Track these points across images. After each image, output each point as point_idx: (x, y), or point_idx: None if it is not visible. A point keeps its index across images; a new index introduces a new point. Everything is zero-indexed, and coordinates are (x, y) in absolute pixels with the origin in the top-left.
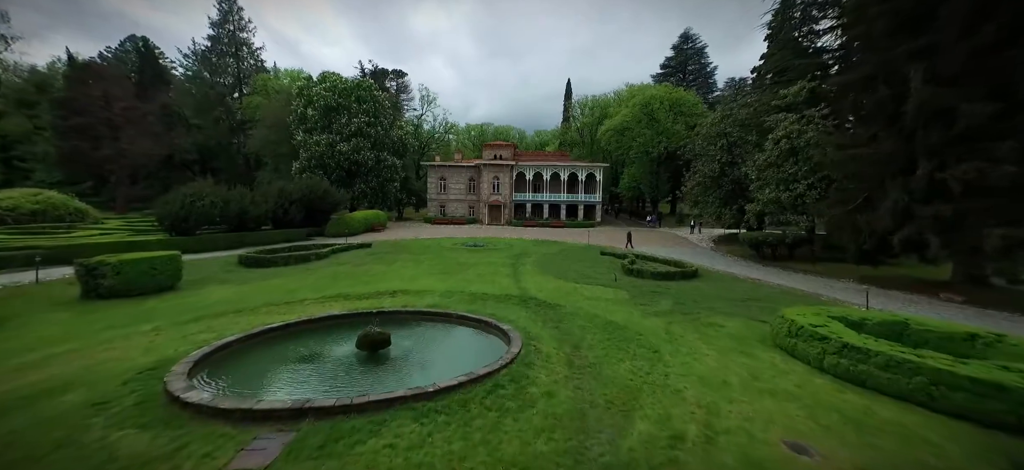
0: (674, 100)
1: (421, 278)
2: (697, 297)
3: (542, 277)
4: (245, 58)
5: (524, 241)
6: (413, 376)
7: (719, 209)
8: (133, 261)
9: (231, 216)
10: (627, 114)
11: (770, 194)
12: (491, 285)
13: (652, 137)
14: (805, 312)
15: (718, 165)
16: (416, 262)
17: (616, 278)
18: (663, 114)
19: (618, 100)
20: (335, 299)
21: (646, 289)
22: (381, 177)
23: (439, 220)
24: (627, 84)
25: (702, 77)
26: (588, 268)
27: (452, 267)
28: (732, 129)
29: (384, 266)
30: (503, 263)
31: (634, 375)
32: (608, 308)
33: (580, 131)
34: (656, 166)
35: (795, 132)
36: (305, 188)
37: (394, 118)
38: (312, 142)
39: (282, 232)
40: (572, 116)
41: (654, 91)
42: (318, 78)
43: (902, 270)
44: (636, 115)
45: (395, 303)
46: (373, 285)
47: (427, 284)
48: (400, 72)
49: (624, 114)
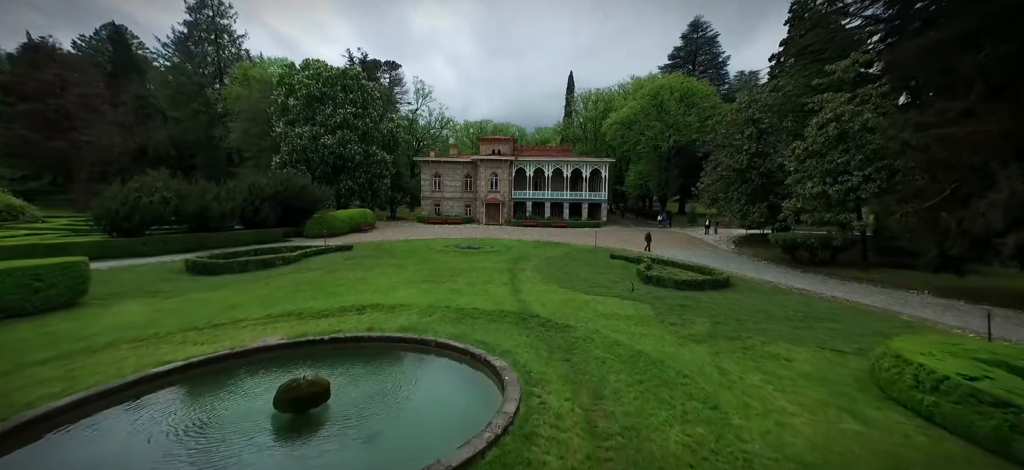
0: (686, 90)
1: (400, 288)
2: (738, 313)
3: (545, 286)
4: (226, 46)
5: (524, 243)
6: (350, 458)
7: (744, 207)
8: (5, 271)
9: (189, 214)
10: (635, 106)
11: (813, 188)
12: (484, 297)
13: (662, 130)
14: (930, 348)
15: (746, 157)
16: (399, 268)
17: (633, 288)
18: (674, 105)
19: (623, 94)
20: (284, 319)
21: (672, 302)
22: (370, 173)
23: (433, 220)
24: (632, 76)
25: (713, 68)
26: (598, 275)
27: (440, 274)
28: (762, 115)
29: (360, 273)
30: (500, 269)
31: (693, 453)
32: (631, 330)
33: (583, 126)
34: (665, 162)
35: (846, 114)
36: (280, 184)
37: (384, 110)
38: (294, 135)
39: (254, 233)
40: (574, 111)
41: (664, 81)
42: (301, 65)
43: (992, 279)
44: (644, 107)
45: (360, 324)
46: (339, 298)
47: (406, 296)
48: (394, 63)
49: (632, 106)
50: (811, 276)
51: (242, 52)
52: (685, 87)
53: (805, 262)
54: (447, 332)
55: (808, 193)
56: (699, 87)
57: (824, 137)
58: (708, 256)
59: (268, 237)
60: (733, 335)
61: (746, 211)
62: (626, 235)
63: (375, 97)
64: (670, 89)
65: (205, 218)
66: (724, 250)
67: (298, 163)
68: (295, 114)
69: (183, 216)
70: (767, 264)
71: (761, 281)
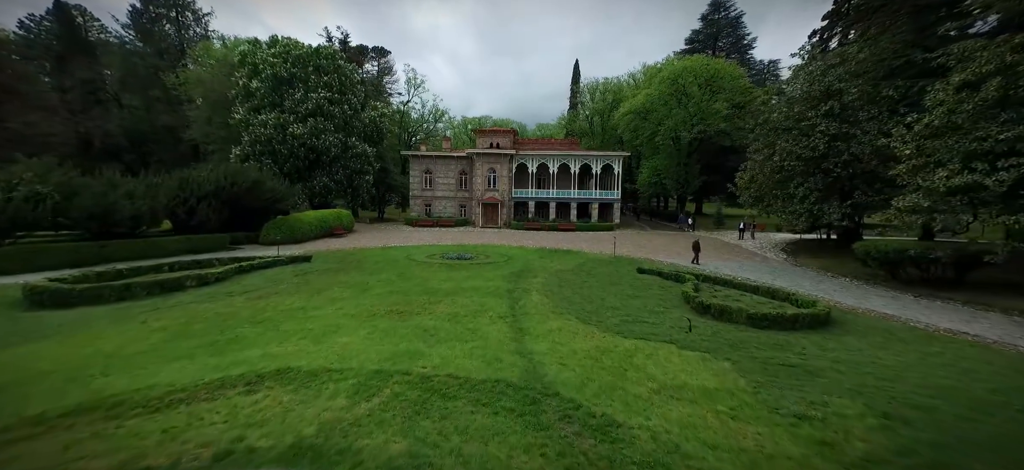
0: (711, 73)
1: (345, 329)
2: (893, 385)
3: (559, 321)
4: (189, 24)
5: (526, 251)
6: None
7: (814, 207)
8: None
9: (80, 216)
10: (652, 92)
11: (951, 179)
12: (470, 346)
13: (684, 119)
14: None
15: (822, 140)
16: (360, 290)
17: (690, 325)
18: (697, 91)
19: (634, 84)
20: (81, 417)
21: (761, 355)
22: (350, 169)
23: (423, 222)
24: (644, 64)
25: (737, 53)
26: (630, 299)
27: (414, 299)
28: (846, 83)
29: (301, 299)
30: (496, 290)
31: None
32: (726, 432)
33: (589, 119)
34: (685, 155)
35: (1019, 63)
36: (223, 178)
37: (367, 97)
38: (257, 122)
39: (183, 239)
40: (580, 102)
41: (685, 64)
42: (268, 41)
43: None
44: (663, 93)
45: (220, 431)
46: (235, 353)
47: (347, 347)
48: (382, 50)
49: (648, 93)
50: (942, 306)
51: (209, 32)
52: (710, 69)
53: (912, 281)
54: (390, 453)
55: (941, 185)
56: (727, 69)
57: (970, 105)
58: (762, 269)
59: (207, 244)
60: (948, 463)
61: (818, 212)
62: (645, 240)
63: (355, 81)
64: (693, 72)
65: (109, 221)
66: (775, 261)
67: (263, 156)
68: (260, 99)
69: (72, 218)
70: (851, 282)
71: (872, 313)
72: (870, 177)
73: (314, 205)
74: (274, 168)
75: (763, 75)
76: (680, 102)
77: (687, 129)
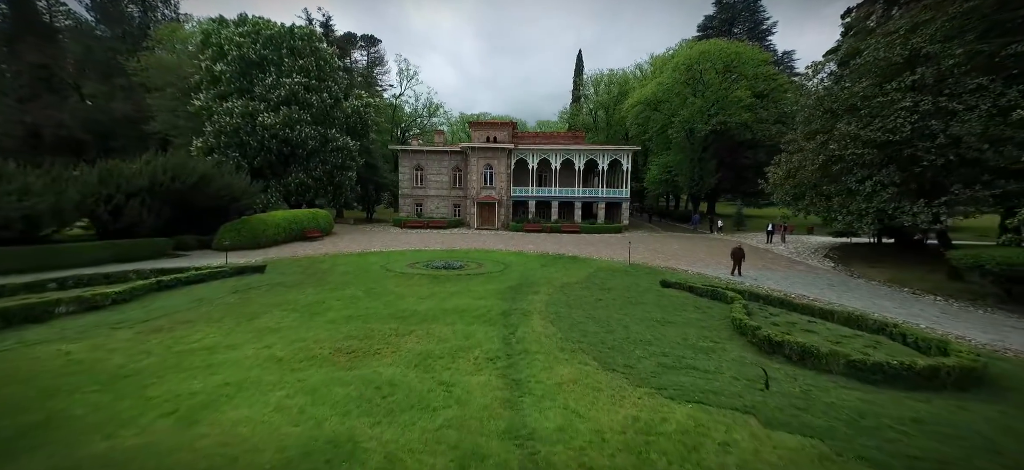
0: (731, 57)
1: (250, 390)
2: None
3: (572, 366)
4: (156, 5)
5: (526, 257)
6: None
7: (889, 203)
8: None
9: None
10: (664, 81)
11: None
12: (437, 422)
13: (701, 109)
14: None
15: (907, 119)
16: (310, 313)
17: (767, 382)
18: (715, 77)
19: (642, 75)
20: None
21: (914, 446)
22: (329, 164)
23: (413, 223)
24: (652, 55)
25: (755, 39)
26: (663, 327)
27: (376, 330)
28: (935, 46)
29: (219, 333)
30: (488, 315)
31: None
32: None
33: (593, 112)
34: (701, 150)
35: None
36: (161, 171)
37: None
38: (222, 111)
39: (108, 245)
40: (583, 95)
41: (703, 48)
42: (236, 20)
43: None
44: (676, 81)
45: None
46: (39, 455)
47: (230, 433)
48: (372, 39)
49: (660, 81)
50: None
51: (180, 15)
52: (730, 53)
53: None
54: None
55: None
56: (749, 53)
57: None
58: (816, 283)
59: (139, 252)
60: None
61: (894, 212)
62: (659, 244)
63: (336, 66)
64: (710, 58)
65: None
66: (822, 269)
67: (229, 148)
68: (226, 84)
69: None
70: (949, 303)
71: None
72: (973, 166)
73: (291, 204)
74: (242, 162)
75: (779, 67)
76: (696, 91)
77: (704, 121)
